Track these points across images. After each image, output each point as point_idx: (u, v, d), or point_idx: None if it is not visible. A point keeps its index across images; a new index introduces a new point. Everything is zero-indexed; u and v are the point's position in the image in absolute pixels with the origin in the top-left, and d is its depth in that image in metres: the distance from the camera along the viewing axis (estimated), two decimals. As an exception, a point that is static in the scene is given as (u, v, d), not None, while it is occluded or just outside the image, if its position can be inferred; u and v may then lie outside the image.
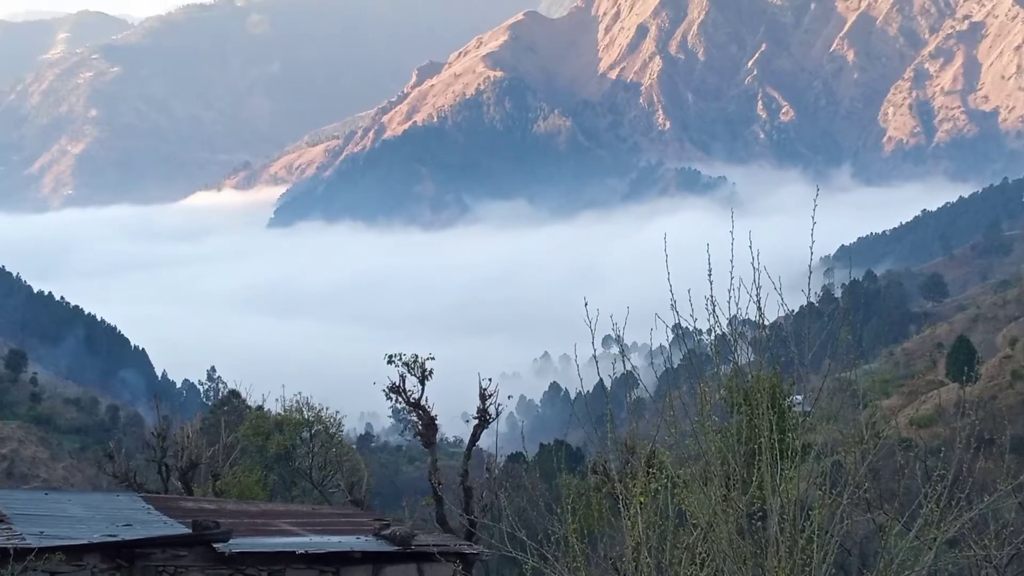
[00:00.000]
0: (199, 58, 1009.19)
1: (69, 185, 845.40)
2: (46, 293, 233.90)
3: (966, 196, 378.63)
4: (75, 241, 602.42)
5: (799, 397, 17.52)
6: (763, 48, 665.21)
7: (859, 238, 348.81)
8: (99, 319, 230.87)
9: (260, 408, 53.88)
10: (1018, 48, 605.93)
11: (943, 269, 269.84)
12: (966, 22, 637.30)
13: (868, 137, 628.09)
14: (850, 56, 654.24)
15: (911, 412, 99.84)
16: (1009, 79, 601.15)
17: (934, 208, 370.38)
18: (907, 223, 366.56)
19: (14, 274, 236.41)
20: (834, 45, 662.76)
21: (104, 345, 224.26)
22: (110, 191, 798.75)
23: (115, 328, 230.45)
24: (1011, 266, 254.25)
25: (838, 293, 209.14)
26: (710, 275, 15.99)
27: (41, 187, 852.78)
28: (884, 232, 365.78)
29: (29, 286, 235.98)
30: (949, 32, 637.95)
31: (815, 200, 15.95)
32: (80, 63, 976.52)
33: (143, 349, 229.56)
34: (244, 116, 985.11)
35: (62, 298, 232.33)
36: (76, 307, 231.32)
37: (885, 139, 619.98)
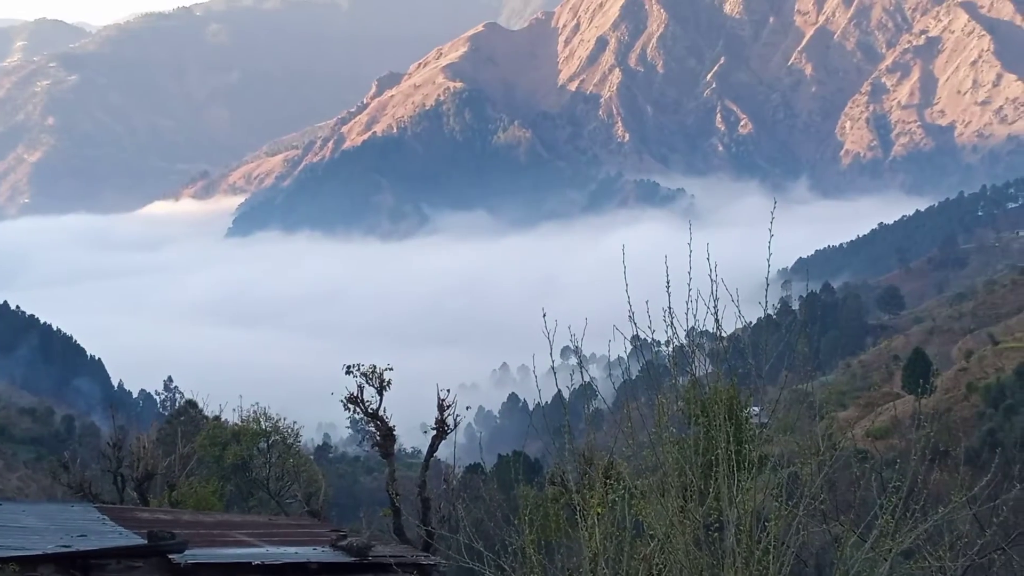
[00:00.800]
0: (157, 67, 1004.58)
1: (26, 194, 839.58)
2: (1, 302, 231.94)
3: (922, 210, 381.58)
4: (31, 250, 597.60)
5: (756, 409, 17.59)
6: (722, 61, 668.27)
7: (816, 251, 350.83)
8: (55, 328, 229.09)
9: (217, 418, 53.61)
10: (974, 63, 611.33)
11: (900, 282, 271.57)
12: (923, 37, 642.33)
13: (826, 150, 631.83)
14: (808, 70, 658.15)
15: (867, 424, 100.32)
16: (965, 94, 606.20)
17: (891, 221, 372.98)
18: (864, 236, 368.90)
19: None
20: (792, 59, 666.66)
21: (60, 354, 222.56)
22: (67, 200, 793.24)
23: (71, 338, 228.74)
24: (967, 279, 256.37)
25: (795, 305, 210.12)
26: (668, 287, 16.04)
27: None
28: (841, 245, 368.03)
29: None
30: (906, 47, 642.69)
31: (772, 213, 16.04)
32: (37, 71, 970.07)
33: (99, 359, 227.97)
34: (203, 125, 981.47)
35: (17, 307, 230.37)
36: (31, 316, 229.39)
37: (843, 152, 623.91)
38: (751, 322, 17.38)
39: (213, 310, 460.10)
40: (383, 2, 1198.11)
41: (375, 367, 30.74)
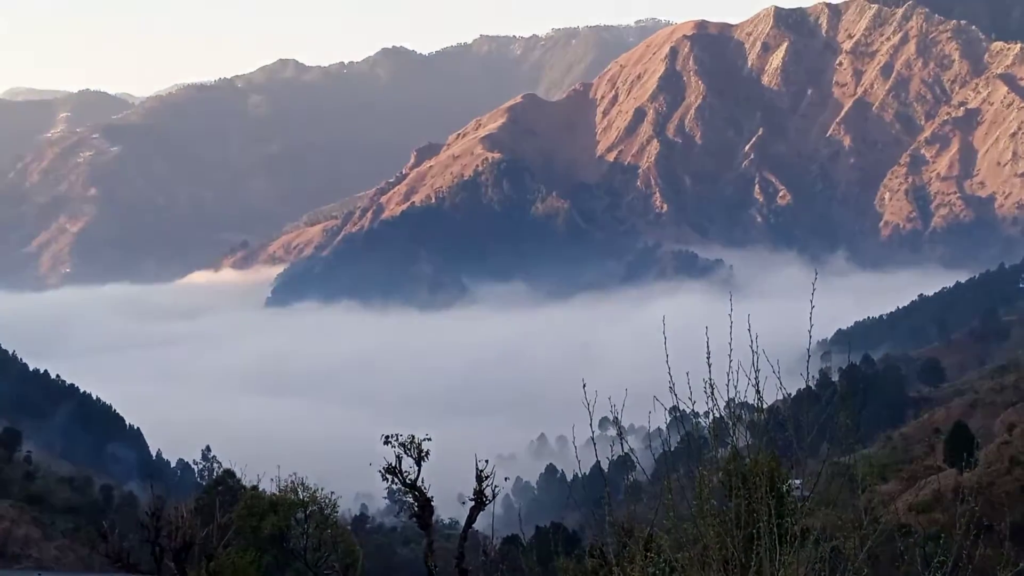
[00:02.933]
0: (199, 138, 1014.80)
1: (67, 263, 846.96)
2: (41, 371, 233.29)
3: (963, 281, 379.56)
4: (72, 319, 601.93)
5: (797, 481, 17.45)
6: (760, 133, 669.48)
7: (856, 322, 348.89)
8: (94, 397, 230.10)
9: (255, 488, 53.60)
10: (1014, 135, 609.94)
11: (940, 354, 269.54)
12: (962, 109, 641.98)
13: (864, 222, 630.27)
14: (846, 141, 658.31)
15: (909, 497, 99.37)
16: (1005, 165, 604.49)
17: (931, 293, 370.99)
18: (904, 308, 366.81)
19: (10, 352, 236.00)
20: (831, 130, 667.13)
21: (99, 423, 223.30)
22: (108, 269, 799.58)
23: (110, 407, 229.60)
24: (1008, 351, 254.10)
25: (835, 377, 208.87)
26: (708, 358, 15.98)
27: (39, 265, 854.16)
28: (881, 317, 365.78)
29: (24, 364, 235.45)
30: (945, 118, 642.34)
31: (814, 284, 15.99)
32: (80, 142, 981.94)
33: (138, 428, 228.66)
34: (243, 196, 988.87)
35: (57, 376, 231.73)
36: (71, 385, 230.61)
37: (882, 224, 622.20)
38: (791, 394, 17.29)
39: (251, 379, 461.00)
40: (422, 73, 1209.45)
41: (413, 437, 30.68)
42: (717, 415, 16.57)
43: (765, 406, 17.02)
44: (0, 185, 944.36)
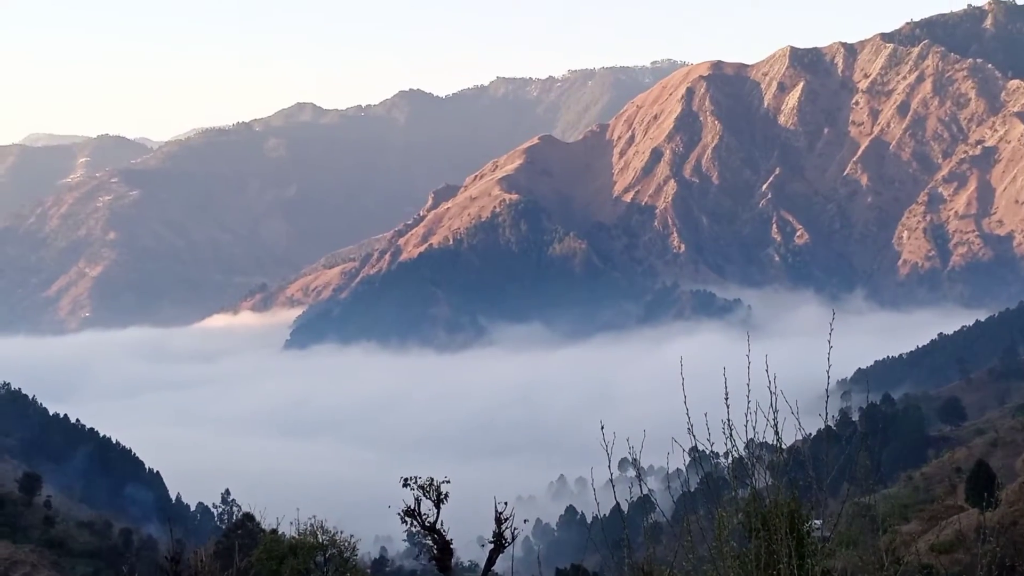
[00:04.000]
0: (217, 182, 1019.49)
1: (87, 307, 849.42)
2: (61, 415, 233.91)
3: (982, 320, 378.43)
4: (92, 363, 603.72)
5: (818, 522, 17.39)
6: (777, 172, 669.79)
7: (876, 361, 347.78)
8: (114, 441, 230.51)
9: (274, 531, 53.56)
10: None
11: (960, 393, 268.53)
12: (979, 147, 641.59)
13: (883, 260, 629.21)
14: (864, 180, 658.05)
15: (931, 538, 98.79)
16: (1023, 204, 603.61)
17: (950, 332, 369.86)
18: (923, 347, 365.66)
19: (30, 396, 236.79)
20: (847, 169, 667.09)
21: (117, 466, 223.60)
22: (127, 313, 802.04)
23: (129, 450, 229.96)
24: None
25: (855, 417, 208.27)
26: (727, 398, 15.96)
27: (59, 309, 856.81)
28: (901, 356, 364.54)
29: (44, 408, 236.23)
30: (962, 157, 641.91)
31: (831, 324, 15.97)
32: (99, 187, 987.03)
33: (157, 471, 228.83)
34: (261, 239, 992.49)
35: (77, 420, 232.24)
36: (91, 429, 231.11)
37: (900, 263, 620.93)
38: (811, 434, 17.26)
39: (270, 422, 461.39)
40: (439, 116, 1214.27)
41: (432, 480, 30.64)
42: (736, 455, 16.54)
43: (784, 446, 16.98)
44: (20, 230, 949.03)
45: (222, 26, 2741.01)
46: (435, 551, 32.03)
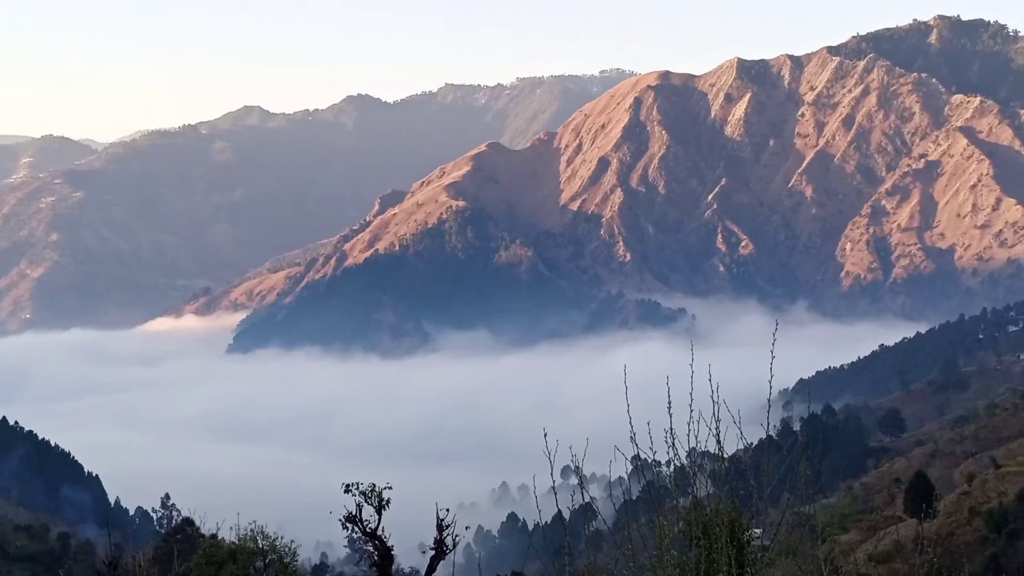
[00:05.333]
0: (162, 184, 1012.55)
1: (28, 309, 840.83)
2: (0, 417, 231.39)
3: (923, 332, 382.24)
4: (32, 365, 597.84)
5: (758, 531, 17.45)
6: (723, 183, 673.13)
7: (817, 372, 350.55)
8: (52, 443, 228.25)
9: (214, 536, 53.16)
10: (973, 187, 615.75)
11: (901, 404, 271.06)
12: (922, 160, 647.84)
13: (826, 272, 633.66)
14: (808, 192, 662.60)
15: (869, 548, 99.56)
16: (964, 217, 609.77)
17: (892, 343, 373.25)
18: (865, 358, 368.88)
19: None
20: (793, 181, 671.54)
21: (56, 469, 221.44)
22: (69, 315, 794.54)
23: (68, 453, 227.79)
24: (968, 402, 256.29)
25: (796, 427, 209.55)
26: (669, 407, 16.00)
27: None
28: (842, 366, 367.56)
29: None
30: (906, 170, 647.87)
31: (774, 334, 16.04)
32: (42, 187, 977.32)
33: (96, 475, 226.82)
34: (206, 242, 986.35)
35: (16, 422, 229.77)
36: (29, 431, 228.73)
37: (843, 274, 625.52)
38: (752, 443, 17.32)
39: (212, 427, 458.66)
40: (387, 121, 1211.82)
41: (374, 486, 30.56)
42: (678, 464, 16.59)
43: (726, 455, 17.04)
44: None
45: (170, 28, 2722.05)
46: (376, 557, 31.93)
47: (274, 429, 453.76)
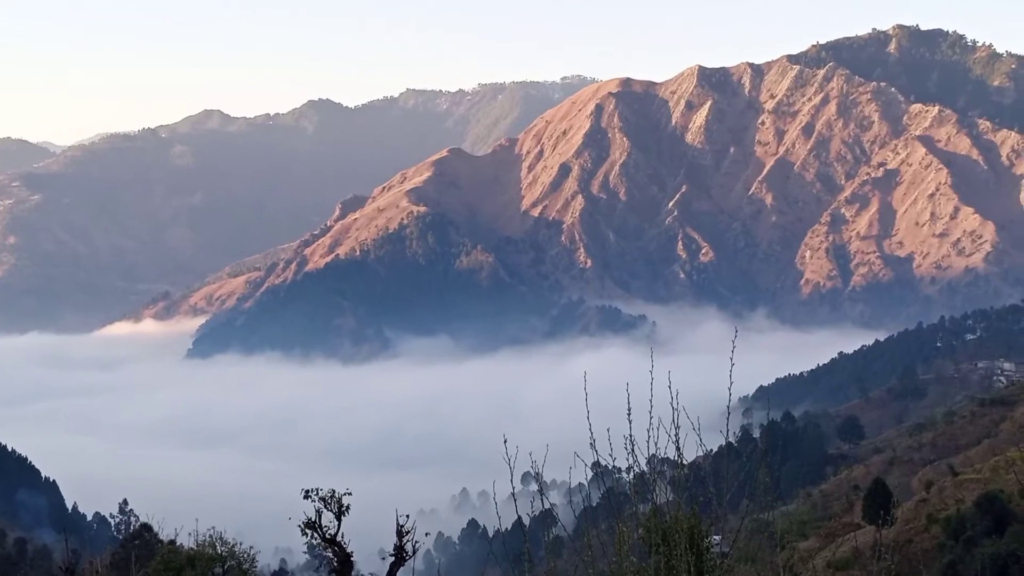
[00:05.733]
0: (121, 188, 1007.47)
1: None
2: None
3: (881, 340, 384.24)
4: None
5: (717, 538, 17.50)
6: (683, 190, 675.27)
7: (777, 379, 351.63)
8: (9, 448, 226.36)
9: (172, 543, 52.93)
10: (931, 196, 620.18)
11: (859, 411, 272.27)
12: (881, 169, 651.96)
13: (786, 279, 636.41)
14: (768, 200, 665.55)
15: (828, 555, 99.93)
16: (923, 226, 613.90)
17: (851, 351, 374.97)
18: (824, 365, 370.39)
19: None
20: (753, 188, 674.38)
21: (10, 473, 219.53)
22: (26, 319, 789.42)
23: (25, 458, 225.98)
24: (926, 409, 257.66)
25: (756, 433, 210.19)
26: (629, 414, 16.03)
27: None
28: (802, 374, 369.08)
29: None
30: (865, 179, 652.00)
31: (734, 341, 16.10)
32: (0, 191, 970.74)
33: (54, 480, 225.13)
34: (165, 246, 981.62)
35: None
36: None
37: (802, 281, 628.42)
38: (712, 450, 17.37)
39: (171, 432, 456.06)
40: (348, 126, 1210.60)
41: (334, 492, 30.45)
42: (638, 471, 16.61)
43: (686, 462, 17.08)
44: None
45: (129, 30, 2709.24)
46: (335, 563, 31.83)
47: (234, 435, 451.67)
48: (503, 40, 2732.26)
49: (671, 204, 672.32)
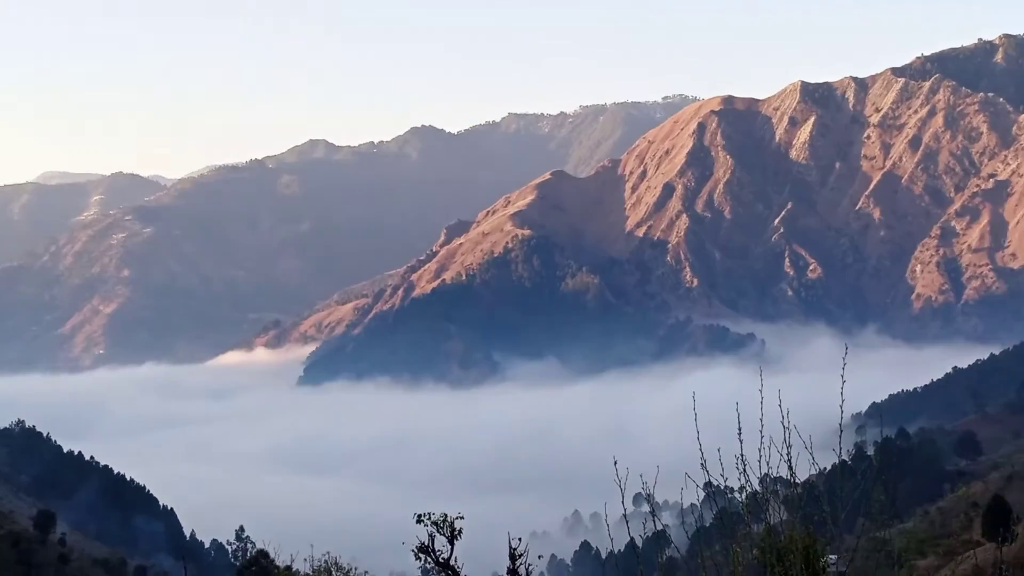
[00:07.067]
0: (230, 219, 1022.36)
1: (101, 345, 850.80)
2: (75, 452, 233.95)
3: (996, 353, 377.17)
4: (106, 400, 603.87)
5: (833, 557, 17.34)
6: (789, 207, 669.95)
7: (890, 395, 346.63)
8: (127, 477, 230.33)
9: (288, 568, 53.47)
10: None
11: (976, 427, 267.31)
12: (991, 180, 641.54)
13: (896, 294, 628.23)
14: (876, 214, 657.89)
15: (948, 573, 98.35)
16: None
17: (965, 365, 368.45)
18: (938, 381, 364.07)
19: (44, 434, 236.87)
20: (860, 203, 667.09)
21: (132, 503, 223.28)
22: (141, 350, 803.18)
23: (143, 487, 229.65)
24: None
25: (871, 451, 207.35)
26: (740, 433, 15.96)
27: (73, 347, 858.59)
28: (915, 390, 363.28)
29: (59, 446, 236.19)
30: (975, 191, 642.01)
31: (843, 358, 15.97)
32: (113, 224, 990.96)
33: (172, 508, 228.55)
34: (274, 275, 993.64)
35: (91, 458, 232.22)
36: (105, 466, 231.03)
37: (913, 296, 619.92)
38: (826, 468, 17.21)
39: (283, 458, 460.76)
40: (451, 152, 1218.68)
41: (446, 515, 30.62)
42: (751, 491, 16.52)
43: (799, 481, 16.96)
44: (34, 268, 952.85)
45: (235, 64, 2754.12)
46: (449, 587, 31.95)
47: (345, 460, 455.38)
48: (604, 62, 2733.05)
49: (777, 221, 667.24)
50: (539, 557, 32.50)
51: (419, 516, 30.81)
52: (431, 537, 30.95)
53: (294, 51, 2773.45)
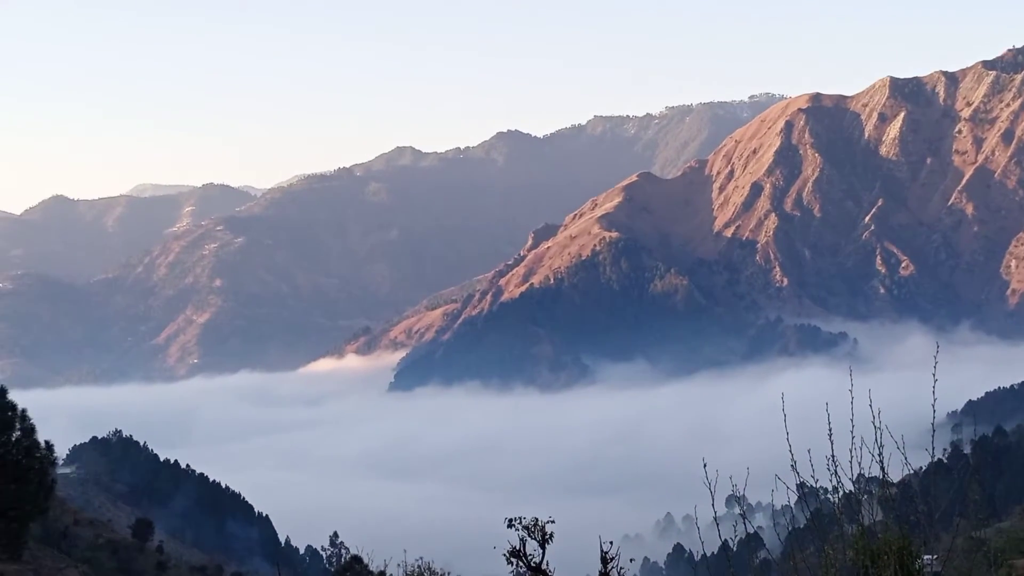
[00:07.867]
0: (319, 227, 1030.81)
1: (195, 354, 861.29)
2: (172, 461, 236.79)
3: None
4: (201, 409, 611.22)
5: (929, 558, 17.08)
6: (880, 203, 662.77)
7: (986, 393, 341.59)
8: (223, 485, 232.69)
9: (382, 574, 53.70)
10: None
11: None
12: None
13: (991, 290, 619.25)
14: (969, 209, 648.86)
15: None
16: None
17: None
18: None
19: (141, 443, 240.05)
20: (952, 199, 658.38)
21: (227, 510, 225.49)
22: (234, 359, 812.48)
23: (239, 494, 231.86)
24: None
25: (967, 450, 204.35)
26: (831, 434, 15.79)
27: (168, 356, 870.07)
28: (1012, 387, 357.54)
29: (155, 454, 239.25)
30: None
31: (935, 356, 15.74)
32: (205, 235, 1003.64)
33: (266, 515, 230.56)
34: (364, 282, 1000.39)
35: (187, 465, 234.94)
36: (201, 474, 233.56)
37: (1009, 292, 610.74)
38: (921, 467, 16.97)
39: (375, 464, 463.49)
40: (537, 156, 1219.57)
41: (537, 520, 30.57)
42: (844, 491, 16.33)
43: (892, 481, 16.73)
44: (129, 279, 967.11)
45: (323, 73, 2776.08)
46: (541, 591, 31.89)
47: (436, 465, 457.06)
48: (688, 62, 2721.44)
49: (867, 218, 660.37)
50: (631, 560, 32.35)
51: (510, 520, 30.80)
52: (522, 541, 30.92)
53: (380, 59, 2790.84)
